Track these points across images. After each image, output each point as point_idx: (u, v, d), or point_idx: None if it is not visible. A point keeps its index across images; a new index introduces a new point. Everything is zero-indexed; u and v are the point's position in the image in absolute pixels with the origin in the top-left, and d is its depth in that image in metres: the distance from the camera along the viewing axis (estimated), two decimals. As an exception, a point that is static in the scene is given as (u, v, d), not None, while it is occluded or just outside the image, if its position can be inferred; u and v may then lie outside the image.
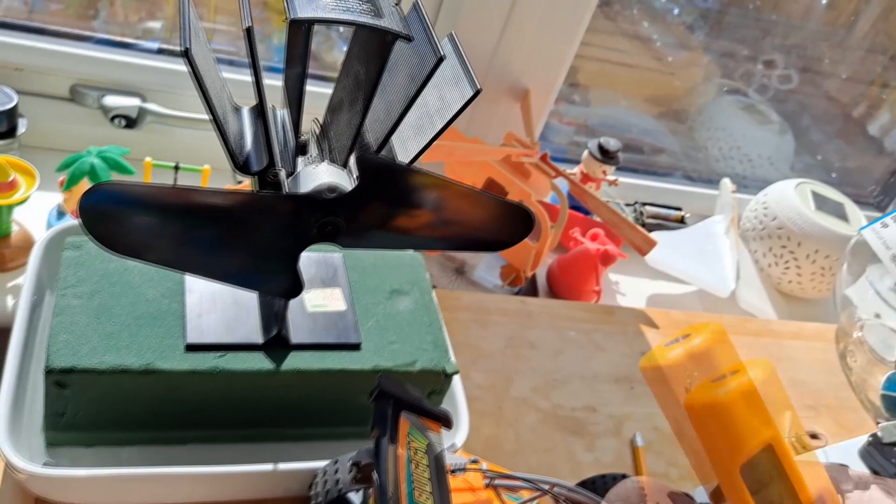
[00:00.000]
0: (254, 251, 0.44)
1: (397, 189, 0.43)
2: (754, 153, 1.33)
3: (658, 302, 1.05)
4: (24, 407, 0.53)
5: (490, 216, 0.46)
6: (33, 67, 0.90)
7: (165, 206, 0.39)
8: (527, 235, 0.47)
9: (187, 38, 0.38)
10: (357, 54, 0.45)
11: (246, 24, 0.38)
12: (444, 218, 0.46)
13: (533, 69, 0.99)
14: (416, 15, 0.45)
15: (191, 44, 0.38)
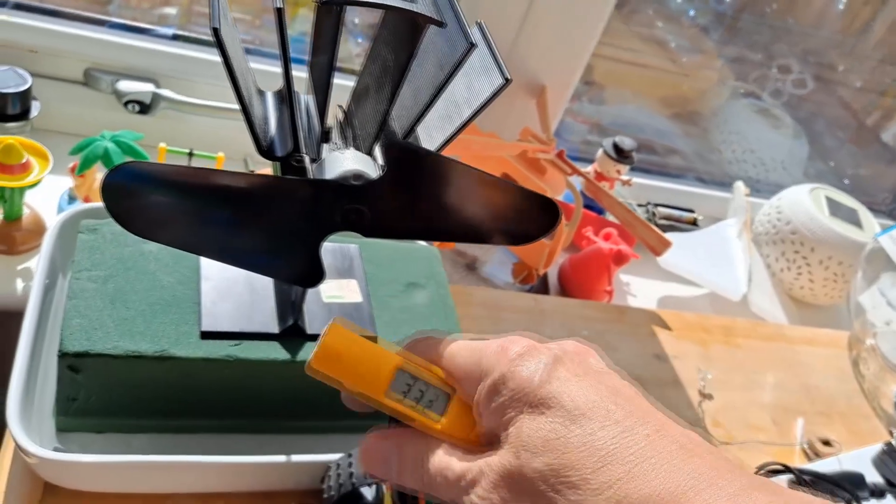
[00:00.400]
0: (275, 236, 0.43)
1: (424, 176, 0.42)
2: (768, 157, 1.32)
3: (669, 304, 1.04)
4: (36, 391, 0.53)
5: (517, 207, 0.45)
6: (48, 50, 0.90)
7: (189, 186, 0.39)
8: (553, 228, 0.46)
9: (217, 18, 0.38)
10: (385, 39, 0.44)
11: (277, 4, 0.37)
12: (470, 208, 0.45)
13: (550, 65, 0.98)
14: (447, 1, 0.45)
15: (220, 23, 0.38)
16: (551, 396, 0.29)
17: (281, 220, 0.42)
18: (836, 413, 0.85)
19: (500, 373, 0.31)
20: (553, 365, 0.31)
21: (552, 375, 0.30)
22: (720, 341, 0.88)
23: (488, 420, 0.31)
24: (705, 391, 0.80)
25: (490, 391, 0.31)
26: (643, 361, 0.81)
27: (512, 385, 0.30)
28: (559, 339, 0.35)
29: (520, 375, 0.30)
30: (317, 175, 0.43)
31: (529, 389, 0.30)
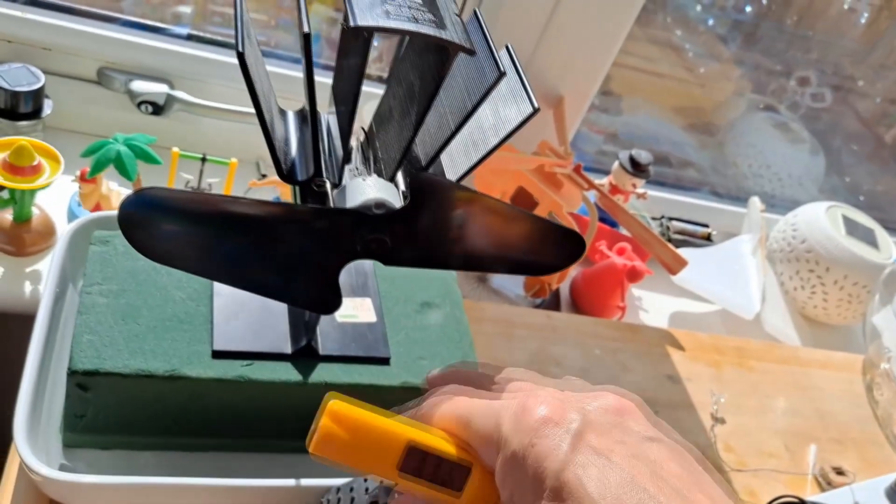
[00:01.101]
0: (292, 264, 0.42)
1: (448, 209, 0.41)
2: (784, 172, 1.31)
3: (681, 320, 1.03)
4: (44, 405, 0.52)
5: (541, 239, 0.44)
6: (61, 48, 0.88)
7: (204, 215, 0.38)
8: (577, 259, 0.45)
9: (242, 41, 0.37)
10: (413, 62, 0.43)
11: (305, 29, 0.36)
12: (494, 240, 0.44)
13: (569, 76, 0.97)
14: (476, 25, 0.44)
15: (245, 46, 0.37)
16: (569, 485, 0.26)
17: (298, 248, 0.41)
18: (850, 440, 0.83)
19: (519, 446, 0.28)
20: (576, 440, 0.27)
21: (573, 457, 0.27)
22: (734, 363, 0.87)
23: (509, 496, 0.29)
24: (718, 415, 0.79)
25: (508, 465, 0.28)
26: (656, 383, 0.80)
27: (531, 463, 0.27)
28: (572, 357, 0.33)
29: (538, 453, 0.27)
30: (338, 202, 0.42)
31: (549, 473, 0.26)
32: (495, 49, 0.41)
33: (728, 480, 0.72)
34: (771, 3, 1.44)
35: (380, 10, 0.38)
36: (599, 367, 0.79)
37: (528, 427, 0.28)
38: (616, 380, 0.78)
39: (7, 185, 0.69)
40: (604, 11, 0.91)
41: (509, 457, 0.28)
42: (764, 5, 1.43)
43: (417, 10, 0.39)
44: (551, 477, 0.26)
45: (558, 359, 0.78)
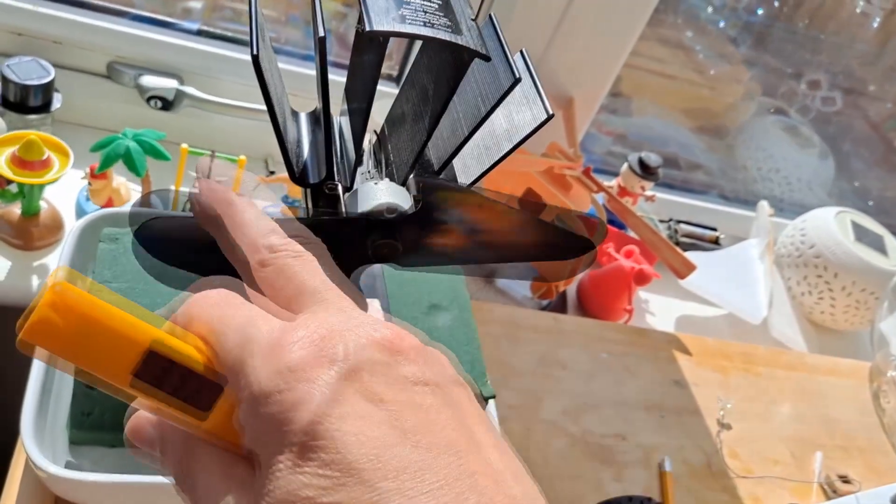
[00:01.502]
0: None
1: (459, 213, 0.41)
2: (794, 177, 1.30)
3: (687, 324, 1.03)
4: (51, 401, 0.52)
5: (554, 245, 0.44)
6: (72, 41, 0.88)
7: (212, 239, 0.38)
8: (586, 269, 0.45)
9: (256, 44, 0.36)
10: (427, 67, 0.43)
11: (320, 33, 0.36)
12: (504, 243, 0.43)
13: (579, 77, 0.97)
14: (491, 30, 0.43)
15: (259, 49, 0.36)
16: (319, 442, 0.21)
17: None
18: (856, 448, 0.83)
19: (264, 388, 0.22)
20: (340, 386, 0.22)
21: (327, 410, 0.22)
22: (741, 369, 0.86)
23: (247, 438, 0.24)
24: (724, 420, 0.79)
25: (250, 408, 0.23)
26: (663, 388, 0.79)
27: (276, 412, 0.22)
28: (578, 361, 0.31)
29: (285, 402, 0.22)
30: (349, 205, 0.42)
31: (296, 426, 0.22)
32: (510, 54, 0.40)
33: (732, 487, 0.72)
34: (782, 5, 1.43)
35: (395, 15, 0.37)
36: (606, 372, 0.78)
37: (277, 368, 0.23)
38: (622, 384, 0.78)
39: (16, 179, 0.69)
40: (615, 14, 0.91)
41: (252, 398, 0.23)
42: (775, 7, 1.42)
43: (433, 15, 0.38)
44: (298, 432, 0.22)
45: (564, 362, 0.78)
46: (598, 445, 0.71)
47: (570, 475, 0.67)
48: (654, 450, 0.73)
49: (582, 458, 0.69)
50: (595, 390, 0.76)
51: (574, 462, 0.68)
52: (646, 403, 0.77)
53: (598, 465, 0.69)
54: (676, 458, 0.73)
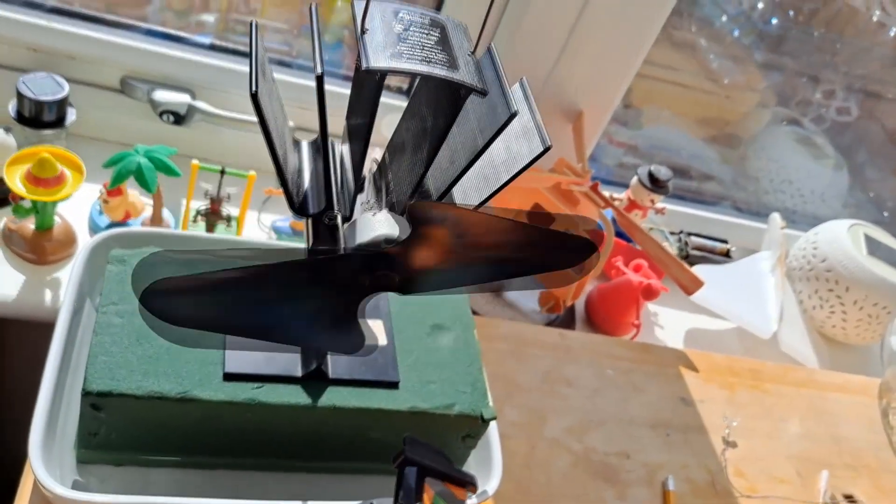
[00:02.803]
0: (310, 312, 0.43)
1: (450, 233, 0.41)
2: (807, 188, 1.30)
3: (697, 338, 1.03)
4: (59, 420, 0.53)
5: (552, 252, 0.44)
6: (85, 56, 0.90)
7: (219, 287, 0.39)
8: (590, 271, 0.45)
9: (255, 81, 0.37)
10: (426, 99, 0.43)
11: (318, 71, 0.36)
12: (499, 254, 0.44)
13: (589, 91, 0.97)
14: (489, 61, 0.44)
15: (259, 85, 0.37)
16: None
17: (310, 296, 0.41)
18: (863, 466, 0.83)
19: None
20: None
21: None
22: (748, 385, 0.86)
23: None
24: (729, 438, 0.79)
25: None
26: (669, 405, 0.79)
27: None
28: (584, 377, 0.32)
29: None
30: (348, 236, 0.42)
31: None
32: (508, 90, 0.41)
33: (738, 506, 0.72)
34: (797, 14, 1.42)
35: (393, 51, 0.38)
36: (612, 388, 0.79)
37: None
38: (628, 401, 0.78)
39: (30, 197, 0.71)
40: (624, 28, 0.91)
41: None
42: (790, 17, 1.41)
43: (430, 50, 0.39)
44: None
45: (570, 379, 0.78)
46: (601, 464, 0.71)
47: (573, 494, 0.68)
48: (658, 468, 0.73)
49: (585, 476, 0.69)
50: (600, 407, 0.76)
51: (577, 481, 0.69)
52: (651, 421, 0.77)
53: (601, 484, 0.69)
54: (680, 476, 0.73)
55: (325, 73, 0.38)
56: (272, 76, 0.44)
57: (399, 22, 0.39)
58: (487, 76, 0.42)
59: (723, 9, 1.43)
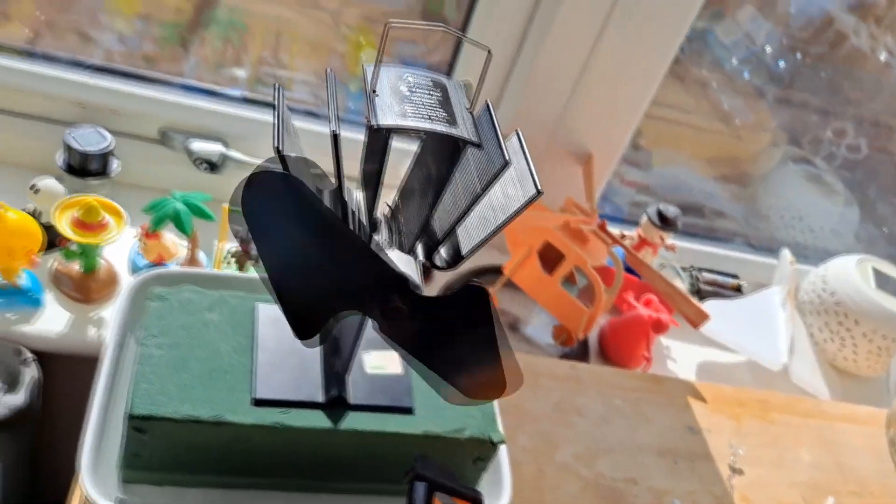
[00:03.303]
0: (325, 277, 0.48)
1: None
2: (817, 225, 1.33)
3: (708, 370, 1.06)
4: (105, 443, 0.58)
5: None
6: (127, 111, 0.97)
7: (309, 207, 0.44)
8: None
9: (280, 137, 0.43)
10: (431, 150, 0.49)
11: (333, 129, 0.42)
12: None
13: (597, 134, 1.02)
14: (487, 116, 0.49)
15: (283, 142, 0.43)
16: None
17: (336, 266, 0.46)
18: (869, 493, 0.85)
19: None
20: None
21: None
22: (755, 415, 0.89)
23: None
24: (736, 466, 0.82)
25: None
26: (676, 434, 0.83)
27: None
28: (593, 407, 0.34)
29: None
30: (362, 272, 0.47)
31: None
32: (503, 142, 0.46)
33: (744, 531, 0.75)
34: (805, 56, 1.46)
35: (399, 110, 0.44)
36: (620, 418, 0.82)
37: None
38: (636, 429, 0.82)
39: (77, 240, 0.77)
40: (630, 75, 0.96)
41: None
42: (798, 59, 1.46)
43: (432, 109, 0.44)
44: None
45: (580, 408, 0.82)
46: (609, 489, 0.74)
47: (582, 517, 0.71)
48: (665, 494, 0.76)
49: (593, 500, 0.73)
50: (609, 435, 0.80)
51: (586, 504, 0.72)
52: (659, 449, 0.81)
53: (609, 508, 0.73)
54: (687, 502, 0.76)
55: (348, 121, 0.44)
56: (295, 129, 0.50)
57: (405, 84, 0.45)
58: (485, 129, 0.47)
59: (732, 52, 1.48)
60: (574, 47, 0.93)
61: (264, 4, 1.26)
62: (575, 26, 0.91)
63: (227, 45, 1.19)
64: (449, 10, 1.29)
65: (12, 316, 0.80)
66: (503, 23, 0.94)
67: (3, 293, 0.79)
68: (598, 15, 0.90)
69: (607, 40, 0.92)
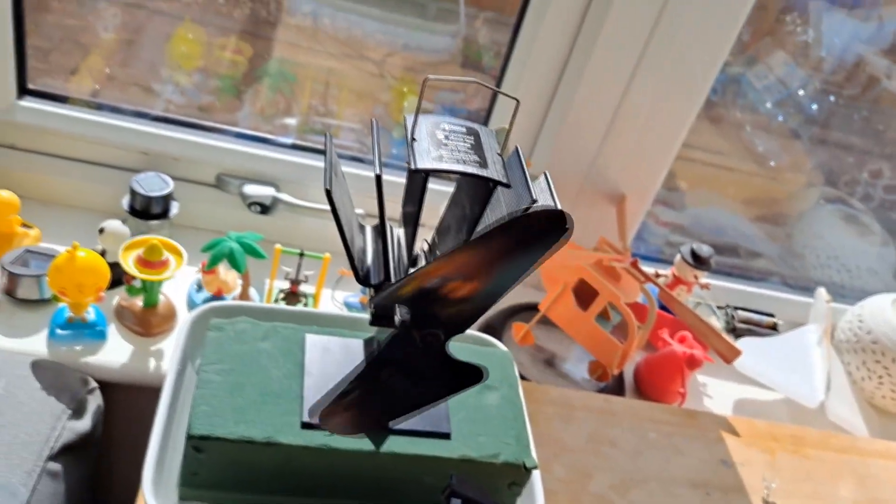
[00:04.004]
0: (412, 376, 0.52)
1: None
2: (853, 264, 1.34)
3: (744, 407, 1.07)
4: (165, 462, 0.63)
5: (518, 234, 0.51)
6: (187, 158, 1.04)
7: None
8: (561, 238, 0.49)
9: (329, 179, 0.48)
10: (465, 190, 0.53)
11: (377, 172, 0.47)
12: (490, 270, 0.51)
13: (630, 176, 1.06)
14: (516, 159, 0.53)
15: (332, 184, 0.48)
16: None
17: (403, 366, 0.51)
18: (907, 530, 0.85)
19: None
20: None
21: None
22: (789, 450, 0.90)
23: None
24: (769, 499, 0.83)
25: None
26: (709, 467, 0.84)
27: None
28: (627, 439, 0.36)
29: None
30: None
31: None
32: (530, 182, 0.50)
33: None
34: (839, 98, 1.49)
35: (435, 154, 0.48)
36: (653, 450, 0.84)
37: None
38: (670, 462, 0.84)
39: (141, 277, 0.83)
40: (661, 119, 1.00)
41: None
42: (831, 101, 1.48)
43: (465, 153, 0.49)
44: None
45: (614, 440, 0.84)
46: (642, 518, 0.76)
47: (615, 545, 0.73)
48: (697, 524, 0.78)
49: (626, 529, 0.75)
50: (642, 467, 0.82)
51: (619, 533, 0.74)
52: (692, 481, 0.82)
53: (642, 537, 0.75)
54: (720, 533, 0.77)
55: (391, 165, 0.48)
56: (342, 173, 0.55)
57: (441, 131, 0.50)
58: (514, 171, 0.52)
59: (765, 95, 1.51)
60: (606, 92, 0.97)
61: (313, 56, 1.34)
62: (606, 72, 0.95)
63: (279, 95, 1.27)
64: (488, 59, 1.35)
65: (80, 347, 0.86)
66: (537, 71, 1.00)
67: (73, 326, 0.85)
68: (628, 61, 0.95)
69: (638, 86, 0.97)
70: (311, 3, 1.30)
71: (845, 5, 1.44)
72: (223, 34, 1.31)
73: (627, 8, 0.91)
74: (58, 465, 0.76)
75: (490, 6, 1.34)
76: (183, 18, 1.30)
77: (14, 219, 0.92)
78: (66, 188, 1.02)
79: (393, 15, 1.32)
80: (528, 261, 0.49)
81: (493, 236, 0.47)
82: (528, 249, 0.49)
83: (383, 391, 0.60)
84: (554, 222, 0.48)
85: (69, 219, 1.01)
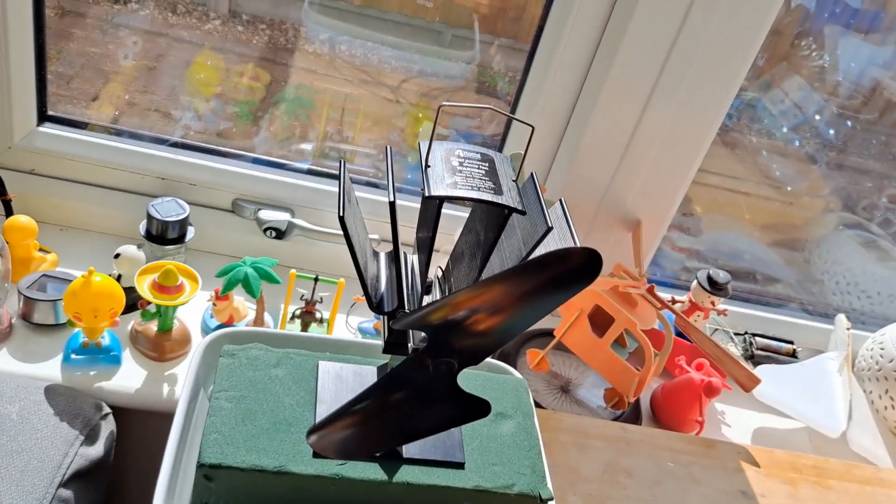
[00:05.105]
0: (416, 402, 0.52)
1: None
2: (873, 290, 1.32)
3: (764, 436, 1.05)
4: (176, 490, 0.62)
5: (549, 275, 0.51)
6: (203, 182, 1.05)
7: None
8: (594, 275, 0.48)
9: (342, 206, 0.47)
10: (479, 217, 0.53)
11: (390, 198, 0.46)
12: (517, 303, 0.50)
13: (646, 201, 1.05)
14: (531, 185, 0.53)
15: (345, 210, 0.47)
16: None
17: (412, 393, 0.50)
18: (934, 565, 0.83)
19: None
20: None
21: None
22: (810, 482, 0.88)
23: None
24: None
25: None
26: (729, 498, 0.83)
27: None
28: (644, 469, 0.35)
29: None
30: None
31: None
32: (545, 209, 0.50)
33: None
34: (856, 123, 1.48)
35: (450, 181, 0.48)
36: (671, 479, 0.83)
37: None
38: (687, 492, 0.82)
39: (156, 302, 0.83)
40: (675, 146, 0.99)
41: None
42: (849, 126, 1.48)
43: (480, 180, 0.49)
44: None
45: (630, 470, 0.83)
46: (660, 550, 0.75)
47: (633, 578, 0.72)
48: (717, 557, 0.76)
49: (644, 561, 0.73)
50: (659, 497, 0.80)
51: (636, 565, 0.73)
52: (711, 512, 0.81)
53: (659, 570, 0.73)
54: (740, 566, 0.76)
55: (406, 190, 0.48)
56: (356, 199, 0.55)
57: (456, 157, 0.50)
58: (529, 197, 0.51)
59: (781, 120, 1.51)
60: (621, 118, 0.97)
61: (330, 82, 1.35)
62: (621, 98, 0.95)
63: (296, 121, 1.27)
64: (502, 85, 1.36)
65: (94, 373, 0.86)
66: (552, 97, 1.00)
67: (87, 351, 0.85)
68: (644, 87, 0.95)
69: (654, 111, 0.96)
70: (329, 31, 1.32)
71: (860, 30, 1.43)
72: (242, 61, 1.33)
73: (642, 34, 0.91)
74: (69, 491, 0.76)
75: (505, 33, 1.35)
76: (203, 46, 1.31)
77: (32, 244, 0.93)
78: (84, 213, 1.03)
79: (409, 42, 1.33)
80: (557, 299, 0.48)
81: (528, 270, 0.46)
82: (560, 287, 0.48)
83: (388, 414, 0.59)
84: (591, 262, 0.47)
85: (86, 243, 1.02)
